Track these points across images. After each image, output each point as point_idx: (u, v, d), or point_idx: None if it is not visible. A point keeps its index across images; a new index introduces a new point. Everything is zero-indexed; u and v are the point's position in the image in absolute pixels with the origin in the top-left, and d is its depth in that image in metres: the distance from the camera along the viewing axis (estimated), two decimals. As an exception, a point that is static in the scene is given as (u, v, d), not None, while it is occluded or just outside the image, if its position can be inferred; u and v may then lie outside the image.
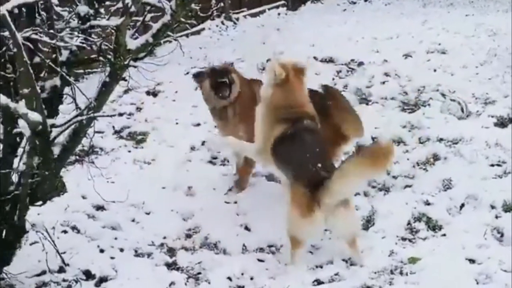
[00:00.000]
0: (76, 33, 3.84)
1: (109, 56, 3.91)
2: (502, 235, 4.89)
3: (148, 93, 8.29)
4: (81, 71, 4.59)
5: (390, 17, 11.46)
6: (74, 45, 3.85)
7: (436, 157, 6.12)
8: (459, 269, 4.54)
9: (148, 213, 5.52)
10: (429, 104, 7.23)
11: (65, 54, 3.96)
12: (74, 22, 3.98)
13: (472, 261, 4.63)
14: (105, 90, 3.96)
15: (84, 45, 3.81)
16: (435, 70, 8.17)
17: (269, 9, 12.70)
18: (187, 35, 10.89)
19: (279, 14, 12.73)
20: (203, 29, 11.19)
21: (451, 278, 4.42)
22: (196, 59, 9.82)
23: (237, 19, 11.95)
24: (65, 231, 5.19)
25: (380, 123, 6.87)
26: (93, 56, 4.19)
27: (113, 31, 3.88)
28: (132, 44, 3.91)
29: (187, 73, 9.22)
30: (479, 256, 4.66)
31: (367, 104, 7.49)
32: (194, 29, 11.06)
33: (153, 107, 7.93)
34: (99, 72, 5.30)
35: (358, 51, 9.14)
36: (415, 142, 6.47)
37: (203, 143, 6.85)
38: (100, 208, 5.58)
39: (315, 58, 9.07)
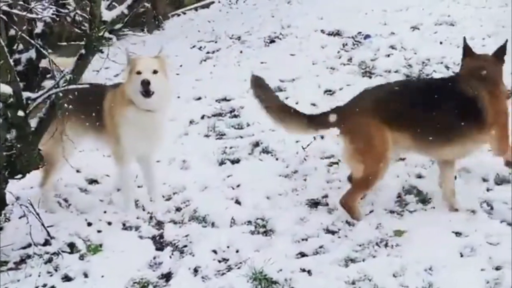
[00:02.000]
0: (48, 5, 3.81)
1: (85, 28, 3.88)
2: (491, 208, 4.81)
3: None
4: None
5: (403, -11, 11.26)
6: (47, 17, 3.83)
7: (433, 130, 6.01)
8: (445, 242, 4.48)
9: (140, 186, 5.51)
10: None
11: (40, 27, 3.95)
12: (50, -6, 3.97)
13: (458, 234, 4.57)
14: (81, 63, 3.95)
15: (54, 16, 3.79)
16: (441, 43, 8.01)
17: (281, -18, 12.50)
18: (196, 9, 10.87)
19: (291, -13, 12.57)
20: (213, 2, 11.13)
21: (435, 251, 4.36)
22: (204, 32, 9.80)
23: (248, -8, 11.84)
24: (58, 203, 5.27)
25: (382, 96, 6.77)
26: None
27: (88, 2, 3.85)
28: (107, 15, 3.89)
29: (194, 46, 9.23)
30: (466, 229, 4.59)
31: (370, 77, 7.39)
32: (203, 2, 11.04)
33: (156, 81, 7.92)
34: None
35: (366, 24, 9.01)
36: (414, 115, 6.35)
37: (202, 116, 6.86)
38: (93, 181, 5.63)
39: (322, 31, 8.99)
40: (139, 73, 4.80)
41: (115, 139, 4.98)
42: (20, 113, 3.74)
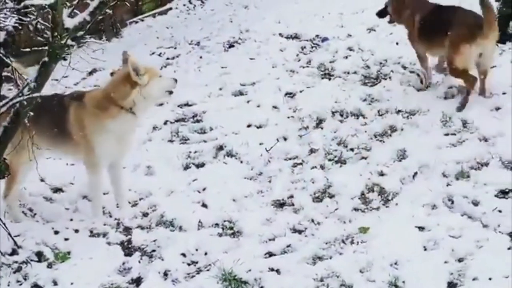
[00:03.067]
0: (10, 13, 3.80)
1: (47, 36, 3.88)
2: (452, 202, 4.94)
3: (112, 74, 8.21)
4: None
5: (358, -8, 11.44)
6: (9, 26, 3.82)
7: (393, 129, 6.16)
8: (408, 236, 4.61)
9: (106, 193, 5.49)
10: (390, 77, 7.25)
11: (2, 35, 3.94)
12: (11, 4, 3.95)
13: (421, 228, 4.70)
14: (44, 70, 3.94)
15: (17, 25, 3.78)
16: (397, 43, 8.13)
17: (238, -13, 12.55)
18: (154, 15, 10.86)
19: (248, -9, 12.64)
20: (171, 8, 11.13)
21: (399, 246, 4.48)
22: (163, 39, 9.80)
23: (206, -3, 11.86)
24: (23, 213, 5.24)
25: (341, 97, 6.90)
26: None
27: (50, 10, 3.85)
28: (69, 22, 3.89)
29: (153, 53, 9.23)
30: (429, 224, 4.72)
31: (329, 79, 7.50)
32: (161, 9, 11.03)
33: (117, 88, 7.90)
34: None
35: (323, 27, 9.12)
36: (374, 115, 6.49)
37: (165, 122, 6.87)
38: (58, 190, 5.61)
39: (280, 34, 9.06)
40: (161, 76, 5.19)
41: (88, 148, 4.98)
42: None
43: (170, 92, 5.22)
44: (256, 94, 7.22)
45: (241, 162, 5.97)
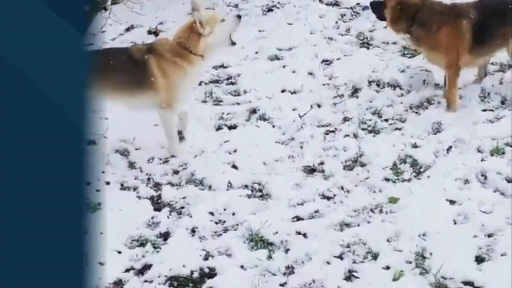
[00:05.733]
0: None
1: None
2: (485, 178, 4.89)
3: (149, 32, 8.24)
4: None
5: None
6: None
7: (430, 101, 6.07)
8: (438, 209, 4.58)
9: (138, 149, 5.56)
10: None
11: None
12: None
13: (452, 202, 4.66)
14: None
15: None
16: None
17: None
18: (194, -24, 10.78)
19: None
20: (211, -32, 11.02)
21: (429, 218, 4.46)
22: (201, -1, 9.73)
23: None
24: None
25: (379, 67, 6.81)
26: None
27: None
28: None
29: (190, 13, 9.16)
30: (460, 198, 4.68)
31: (367, 48, 7.40)
32: (201, -31, 10.94)
33: (153, 46, 7.90)
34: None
35: (365, -5, 8.99)
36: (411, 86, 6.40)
37: (199, 83, 6.86)
38: (90, 143, 5.64)
39: (320, 1, 8.90)
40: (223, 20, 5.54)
41: (169, 92, 5.37)
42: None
43: (233, 43, 5.53)
44: (292, 60, 7.15)
45: (274, 126, 5.94)
